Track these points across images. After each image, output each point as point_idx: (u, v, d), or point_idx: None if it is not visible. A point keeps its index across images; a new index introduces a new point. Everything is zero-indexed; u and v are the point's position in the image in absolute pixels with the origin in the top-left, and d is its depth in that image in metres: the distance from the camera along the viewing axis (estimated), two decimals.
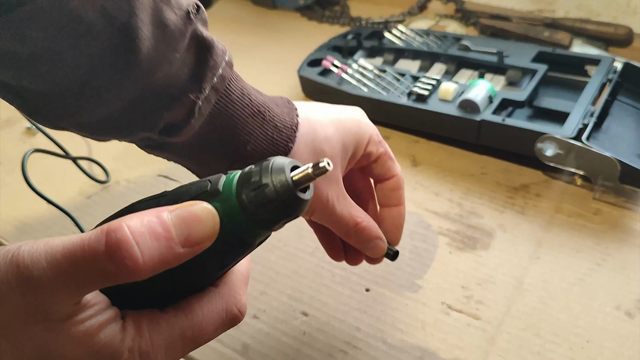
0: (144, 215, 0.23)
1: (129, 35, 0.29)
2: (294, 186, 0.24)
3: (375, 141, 0.42)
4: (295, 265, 0.53)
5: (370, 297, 0.50)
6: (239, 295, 0.29)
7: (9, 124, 0.72)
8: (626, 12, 0.85)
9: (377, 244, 0.42)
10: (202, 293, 0.27)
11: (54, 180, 0.64)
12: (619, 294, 0.49)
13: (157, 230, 0.23)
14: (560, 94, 0.68)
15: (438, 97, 0.67)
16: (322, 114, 0.40)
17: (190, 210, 0.24)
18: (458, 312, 0.48)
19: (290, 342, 0.47)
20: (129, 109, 0.32)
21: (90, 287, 0.23)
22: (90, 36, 0.29)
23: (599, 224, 0.55)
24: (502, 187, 0.61)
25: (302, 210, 0.25)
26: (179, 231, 0.24)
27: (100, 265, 0.22)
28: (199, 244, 0.24)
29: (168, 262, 0.23)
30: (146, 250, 0.22)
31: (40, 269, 0.22)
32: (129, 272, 0.22)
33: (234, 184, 0.25)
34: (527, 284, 0.50)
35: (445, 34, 0.81)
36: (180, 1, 0.33)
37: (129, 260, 0.22)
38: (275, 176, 0.24)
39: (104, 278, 0.23)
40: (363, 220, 0.41)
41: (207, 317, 0.27)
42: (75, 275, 0.22)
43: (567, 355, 0.44)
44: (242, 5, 1.05)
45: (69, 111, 0.32)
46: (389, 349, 0.46)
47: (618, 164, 0.55)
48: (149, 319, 0.25)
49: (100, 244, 0.22)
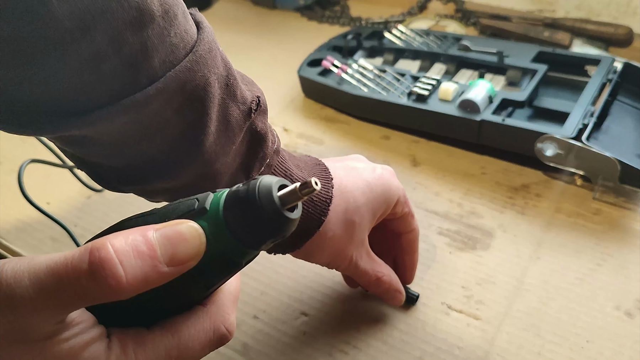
0: (129, 234, 0.23)
1: (198, 131, 0.32)
2: (281, 205, 0.24)
3: (401, 203, 0.44)
4: (295, 265, 0.53)
5: (370, 297, 0.50)
6: (227, 314, 0.28)
7: None
8: (626, 12, 0.85)
9: (396, 295, 0.46)
10: (189, 312, 0.27)
11: (53, 181, 0.64)
12: (619, 294, 0.49)
13: (142, 248, 0.23)
14: (560, 94, 0.68)
15: (438, 97, 0.66)
16: (355, 182, 0.42)
17: (176, 229, 0.24)
18: (458, 312, 0.48)
19: (290, 342, 0.47)
20: (184, 189, 0.34)
21: (73, 305, 0.23)
22: (165, 130, 0.32)
23: (599, 224, 0.55)
24: (502, 187, 0.61)
25: (289, 230, 0.25)
26: (164, 250, 0.23)
27: (83, 283, 0.22)
28: (184, 263, 0.24)
29: (152, 281, 0.23)
30: (130, 269, 0.22)
31: (23, 287, 0.22)
32: (112, 291, 0.22)
33: (221, 203, 0.24)
34: (527, 284, 0.50)
35: (445, 34, 0.81)
36: (245, 96, 0.35)
37: (112, 279, 0.22)
38: (262, 195, 0.24)
39: (87, 297, 0.22)
40: (384, 274, 0.45)
41: (194, 336, 0.27)
42: (58, 294, 0.22)
43: (567, 355, 0.44)
44: (242, 5, 1.05)
45: (132, 182, 0.34)
46: (389, 349, 0.46)
47: (618, 164, 0.55)
48: (135, 338, 0.25)
49: (84, 263, 0.22)
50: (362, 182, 0.42)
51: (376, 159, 0.66)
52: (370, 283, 0.45)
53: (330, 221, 0.40)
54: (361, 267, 0.43)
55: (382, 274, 0.44)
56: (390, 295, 0.46)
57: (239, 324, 0.48)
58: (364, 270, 0.43)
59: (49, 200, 0.61)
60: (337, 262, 0.42)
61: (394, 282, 0.46)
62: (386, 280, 0.45)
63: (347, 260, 0.42)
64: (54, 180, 0.64)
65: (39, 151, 0.66)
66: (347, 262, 0.42)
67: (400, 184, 0.44)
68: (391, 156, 0.66)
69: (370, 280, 0.44)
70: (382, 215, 0.43)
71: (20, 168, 0.57)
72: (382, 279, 0.44)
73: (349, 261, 0.42)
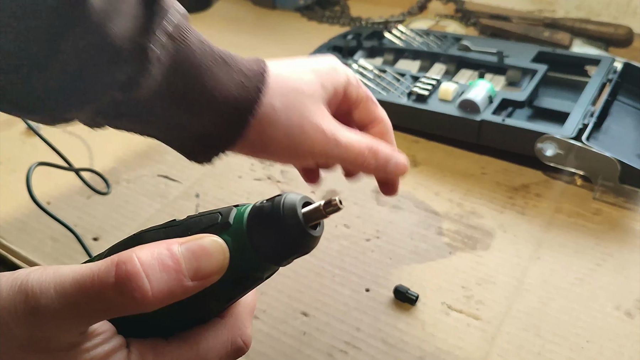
0: (155, 247, 0.23)
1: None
2: (305, 223, 0.24)
3: (353, 84, 0.40)
4: (295, 265, 0.53)
5: (370, 297, 0.50)
6: (245, 327, 0.29)
7: (9, 124, 0.72)
8: (626, 12, 0.85)
9: (398, 159, 0.39)
10: (207, 324, 0.27)
11: (53, 181, 0.64)
12: (619, 294, 0.49)
13: (167, 262, 0.23)
14: (560, 94, 0.68)
15: (438, 97, 0.67)
16: (295, 63, 0.38)
17: (201, 243, 0.24)
18: (458, 312, 0.48)
19: (290, 342, 0.47)
20: (84, 67, 0.29)
21: (97, 317, 0.23)
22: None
23: (599, 224, 0.55)
24: (502, 187, 0.61)
25: (312, 247, 0.25)
26: (189, 264, 0.23)
27: (109, 296, 0.22)
28: (207, 277, 0.24)
29: (176, 295, 0.23)
30: (155, 283, 0.22)
31: (49, 298, 0.22)
32: (137, 304, 0.22)
33: (244, 218, 0.25)
34: (527, 284, 0.50)
35: (445, 34, 0.81)
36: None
37: (138, 292, 0.22)
38: (286, 212, 0.24)
39: (112, 309, 0.23)
40: (375, 142, 0.38)
41: (211, 348, 0.27)
42: (84, 306, 0.22)
43: (567, 355, 0.44)
44: (242, 5, 1.05)
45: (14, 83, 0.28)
46: (389, 349, 0.46)
47: (618, 164, 0.55)
48: (154, 349, 0.25)
49: (110, 276, 0.22)
50: (303, 62, 0.38)
51: None
52: (365, 158, 0.37)
53: (274, 93, 0.35)
54: (344, 140, 0.36)
55: (371, 142, 0.38)
56: (391, 163, 0.39)
57: None
58: (348, 142, 0.36)
59: (49, 200, 0.61)
60: (306, 140, 0.35)
61: (390, 148, 0.39)
62: (381, 147, 0.38)
63: (320, 134, 0.36)
64: (54, 181, 0.64)
65: (39, 151, 0.67)
66: (320, 137, 0.36)
67: (349, 69, 0.41)
68: None
69: (362, 152, 0.37)
70: (335, 95, 0.38)
71: (28, 171, 0.57)
72: (377, 147, 0.38)
73: (323, 134, 0.36)
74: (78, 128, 0.71)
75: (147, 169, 0.66)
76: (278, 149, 0.36)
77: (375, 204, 0.59)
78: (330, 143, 0.36)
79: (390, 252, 0.54)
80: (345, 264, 0.53)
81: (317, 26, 0.96)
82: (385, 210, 0.59)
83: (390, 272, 0.52)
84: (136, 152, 0.68)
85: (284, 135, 0.35)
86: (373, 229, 0.56)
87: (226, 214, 0.25)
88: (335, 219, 0.57)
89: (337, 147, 0.36)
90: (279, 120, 0.35)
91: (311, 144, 0.36)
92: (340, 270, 0.52)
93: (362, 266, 0.52)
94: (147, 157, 0.68)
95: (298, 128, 0.35)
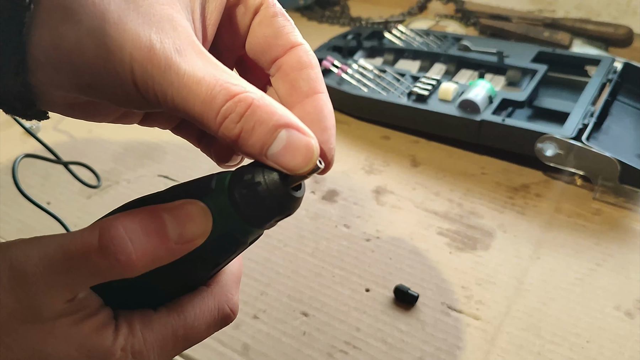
0: (137, 213, 0.23)
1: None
2: (286, 184, 0.24)
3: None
4: (295, 265, 0.53)
5: (370, 297, 0.50)
6: (231, 294, 0.29)
7: (8, 125, 0.72)
8: (626, 12, 0.85)
9: (292, 135, 0.22)
10: (194, 293, 0.28)
11: (53, 182, 0.64)
12: (619, 294, 0.49)
13: (150, 226, 0.23)
14: (560, 94, 0.69)
15: (438, 97, 0.67)
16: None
17: (183, 207, 0.24)
18: (458, 312, 0.48)
19: (290, 342, 0.47)
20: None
21: (83, 283, 0.23)
22: None
23: (599, 224, 0.55)
24: (502, 187, 0.61)
25: (294, 209, 0.25)
26: (172, 227, 0.24)
27: (94, 260, 0.22)
28: (191, 240, 0.24)
29: (161, 258, 0.23)
30: (139, 245, 0.22)
31: (34, 265, 0.22)
32: (122, 268, 0.22)
33: (226, 183, 0.25)
34: (527, 284, 0.50)
35: (445, 34, 0.81)
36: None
37: (122, 255, 0.22)
38: (267, 174, 0.24)
39: (98, 274, 0.23)
40: (245, 89, 0.22)
41: (199, 316, 0.27)
42: (69, 271, 0.22)
43: (567, 355, 0.44)
44: None
45: None
46: (389, 349, 0.46)
47: (618, 164, 0.55)
48: (142, 319, 0.26)
49: (94, 239, 0.22)
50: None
51: (376, 159, 0.66)
52: (214, 109, 0.22)
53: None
54: (187, 71, 0.22)
55: (239, 87, 0.22)
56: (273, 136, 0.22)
57: (239, 324, 0.48)
58: (192, 76, 0.22)
59: (49, 201, 0.61)
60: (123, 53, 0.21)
61: (271, 105, 0.22)
62: (251, 98, 0.22)
63: (147, 50, 0.21)
64: (54, 181, 0.64)
65: (39, 151, 0.67)
66: (146, 54, 0.21)
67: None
68: (391, 156, 0.66)
69: (213, 95, 0.22)
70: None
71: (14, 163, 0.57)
72: (243, 96, 0.22)
73: (150, 50, 0.21)
74: (77, 129, 0.71)
75: (147, 169, 0.66)
76: (82, 61, 0.22)
77: (375, 204, 0.59)
78: (161, 66, 0.21)
79: (390, 252, 0.54)
80: (345, 264, 0.53)
81: (317, 26, 0.96)
82: (385, 210, 0.59)
83: (390, 272, 0.52)
84: (136, 152, 0.68)
85: (87, 34, 0.21)
86: (373, 229, 0.56)
87: (208, 180, 0.25)
88: (335, 219, 0.57)
89: (170, 75, 0.22)
90: (87, 7, 0.21)
91: (129, 61, 0.21)
92: (340, 270, 0.52)
93: (362, 266, 0.52)
94: (147, 157, 0.68)
95: (116, 29, 0.21)
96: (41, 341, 0.23)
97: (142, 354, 0.25)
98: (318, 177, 0.62)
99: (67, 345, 0.23)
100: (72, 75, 0.22)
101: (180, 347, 0.27)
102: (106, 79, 0.22)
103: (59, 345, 0.23)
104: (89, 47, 0.21)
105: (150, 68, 0.22)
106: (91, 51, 0.22)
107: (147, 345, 0.25)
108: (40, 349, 0.23)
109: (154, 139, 0.69)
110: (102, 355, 0.24)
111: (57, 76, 0.22)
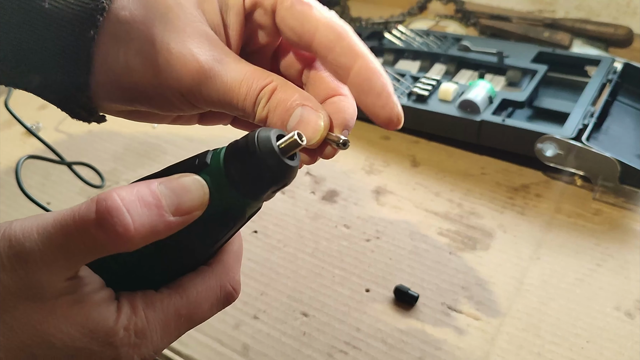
0: (134, 187, 0.23)
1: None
2: (280, 153, 0.24)
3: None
4: (295, 265, 0.53)
5: (370, 297, 0.50)
6: (233, 273, 0.29)
7: (8, 125, 0.72)
8: (626, 13, 0.85)
9: (305, 111, 0.27)
10: (195, 272, 0.27)
11: (53, 182, 0.64)
12: (619, 294, 0.49)
13: (148, 199, 0.23)
14: (560, 94, 0.69)
15: (438, 97, 0.67)
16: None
17: (179, 181, 0.24)
18: (458, 312, 0.48)
19: (290, 342, 0.47)
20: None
21: (82, 258, 0.23)
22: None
23: (599, 224, 0.55)
24: (502, 188, 0.61)
25: (290, 178, 0.25)
26: (169, 200, 0.24)
27: (92, 233, 0.22)
28: (188, 213, 0.24)
29: (159, 231, 0.23)
30: (137, 217, 0.22)
31: (32, 241, 0.22)
32: (121, 240, 0.22)
33: (221, 156, 0.25)
34: (527, 284, 0.50)
35: (445, 34, 0.81)
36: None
37: (120, 226, 0.22)
38: (261, 144, 0.24)
39: (96, 248, 0.22)
40: (272, 80, 0.27)
41: (201, 295, 0.27)
42: (67, 246, 0.22)
43: (567, 355, 0.44)
44: None
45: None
46: (389, 349, 0.46)
47: (618, 164, 0.55)
48: (144, 299, 0.25)
49: (91, 212, 0.22)
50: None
51: (376, 159, 0.66)
52: (251, 99, 0.27)
53: (129, 3, 0.26)
54: (229, 77, 0.27)
55: (267, 79, 0.27)
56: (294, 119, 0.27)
57: (239, 324, 0.48)
58: (235, 80, 0.27)
59: (50, 201, 0.61)
60: (171, 70, 0.26)
61: (291, 89, 0.28)
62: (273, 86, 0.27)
63: (193, 64, 0.26)
64: (55, 181, 0.64)
65: (39, 151, 0.67)
66: (194, 68, 0.26)
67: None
68: (391, 156, 0.66)
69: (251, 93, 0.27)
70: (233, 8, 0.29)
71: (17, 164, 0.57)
72: (272, 86, 0.27)
73: (197, 64, 0.26)
74: (78, 129, 0.71)
75: (147, 169, 0.66)
76: (132, 80, 0.27)
77: (375, 204, 0.59)
78: (209, 76, 0.27)
79: (390, 252, 0.54)
80: (345, 264, 0.53)
81: None
82: (385, 210, 0.59)
83: (390, 272, 0.52)
84: (136, 152, 0.68)
85: (135, 55, 0.26)
86: (373, 229, 0.56)
87: (203, 156, 0.26)
88: (335, 219, 0.57)
89: (215, 83, 0.27)
90: (132, 33, 0.26)
91: (177, 76, 0.27)
92: (340, 270, 0.52)
93: (362, 266, 0.52)
94: (147, 157, 0.68)
95: (160, 48, 0.26)
96: (43, 321, 0.23)
97: (145, 333, 0.25)
98: (318, 177, 0.62)
99: (68, 325, 0.23)
100: (123, 91, 0.28)
101: (183, 327, 0.27)
102: (153, 92, 0.28)
103: (60, 325, 0.23)
104: (136, 66, 0.27)
105: (198, 79, 0.27)
106: (139, 70, 0.27)
107: (150, 324, 0.25)
108: (42, 329, 0.23)
109: (154, 139, 0.69)
110: (104, 334, 0.24)
111: (110, 92, 0.28)
